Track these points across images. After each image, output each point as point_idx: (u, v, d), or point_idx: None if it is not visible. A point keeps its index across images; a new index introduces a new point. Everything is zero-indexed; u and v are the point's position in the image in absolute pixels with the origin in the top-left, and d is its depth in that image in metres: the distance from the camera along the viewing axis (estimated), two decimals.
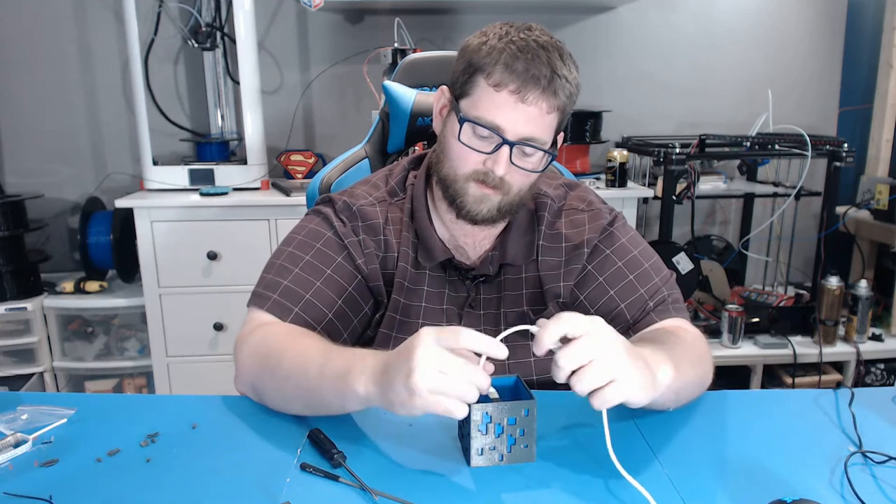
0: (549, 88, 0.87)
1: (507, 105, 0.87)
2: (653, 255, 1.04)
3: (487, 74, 0.88)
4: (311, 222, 1.03)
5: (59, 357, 2.38)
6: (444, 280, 1.02)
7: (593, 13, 2.66)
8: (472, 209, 0.94)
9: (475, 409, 0.74)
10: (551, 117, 0.90)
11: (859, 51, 2.78)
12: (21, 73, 2.50)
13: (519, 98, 0.87)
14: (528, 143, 0.89)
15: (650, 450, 0.81)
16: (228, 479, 0.74)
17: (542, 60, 0.87)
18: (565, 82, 0.89)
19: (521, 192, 0.95)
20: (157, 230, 2.18)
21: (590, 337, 0.72)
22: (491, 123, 0.89)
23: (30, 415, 0.87)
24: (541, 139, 0.90)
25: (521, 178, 0.93)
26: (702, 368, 0.92)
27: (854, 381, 2.38)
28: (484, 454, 0.76)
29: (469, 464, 0.76)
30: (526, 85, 0.86)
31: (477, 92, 0.90)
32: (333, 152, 2.57)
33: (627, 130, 2.71)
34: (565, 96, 0.90)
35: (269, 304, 0.95)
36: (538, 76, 0.86)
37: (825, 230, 2.38)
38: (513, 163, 0.90)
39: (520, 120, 0.88)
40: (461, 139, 0.91)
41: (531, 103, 0.87)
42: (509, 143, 0.89)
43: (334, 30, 2.59)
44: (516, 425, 0.76)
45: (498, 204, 0.94)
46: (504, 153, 0.89)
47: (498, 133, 0.89)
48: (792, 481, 0.74)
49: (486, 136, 0.90)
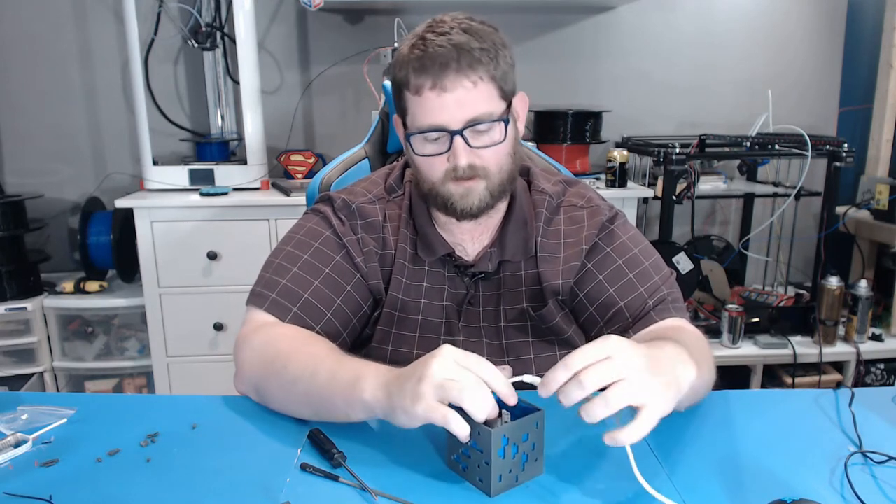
0: (461, 65, 0.88)
1: (433, 102, 0.89)
2: (653, 254, 1.03)
3: (407, 86, 0.91)
4: (309, 221, 1.03)
5: (59, 357, 2.38)
6: (443, 276, 1.02)
7: (593, 13, 2.66)
8: (463, 206, 0.94)
9: (495, 434, 0.69)
10: (483, 87, 0.90)
11: (859, 51, 2.78)
12: (21, 73, 2.50)
13: (440, 90, 0.88)
14: (473, 123, 0.90)
15: (650, 450, 0.81)
16: (228, 479, 0.74)
17: (444, 47, 0.88)
18: (477, 49, 0.88)
19: (503, 169, 0.94)
20: (157, 230, 2.18)
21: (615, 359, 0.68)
22: (430, 126, 0.90)
23: (30, 415, 0.87)
24: (485, 113, 0.90)
25: (494, 156, 0.93)
26: (712, 369, 0.91)
27: (854, 381, 2.38)
28: (503, 480, 0.71)
29: (490, 494, 0.70)
30: (438, 75, 0.88)
31: (409, 105, 0.92)
32: (333, 152, 2.57)
33: (627, 130, 2.71)
34: (488, 59, 0.89)
35: (267, 304, 0.95)
36: (445, 62, 0.87)
37: (825, 230, 2.38)
38: (473, 146, 0.91)
39: (451, 108, 0.89)
40: (417, 153, 0.93)
41: (452, 88, 0.88)
42: (455, 132, 0.89)
43: (334, 30, 2.59)
44: (528, 441, 0.73)
45: (485, 189, 0.93)
46: (458, 144, 0.90)
47: (441, 130, 0.90)
48: (792, 481, 0.74)
49: (436, 139, 0.91)
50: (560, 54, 2.67)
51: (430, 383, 0.69)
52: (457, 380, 0.69)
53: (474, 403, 0.68)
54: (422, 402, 0.69)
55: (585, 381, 0.66)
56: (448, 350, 0.72)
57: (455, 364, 0.70)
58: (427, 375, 0.70)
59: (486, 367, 0.71)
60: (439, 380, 0.69)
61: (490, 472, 0.70)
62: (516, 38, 2.62)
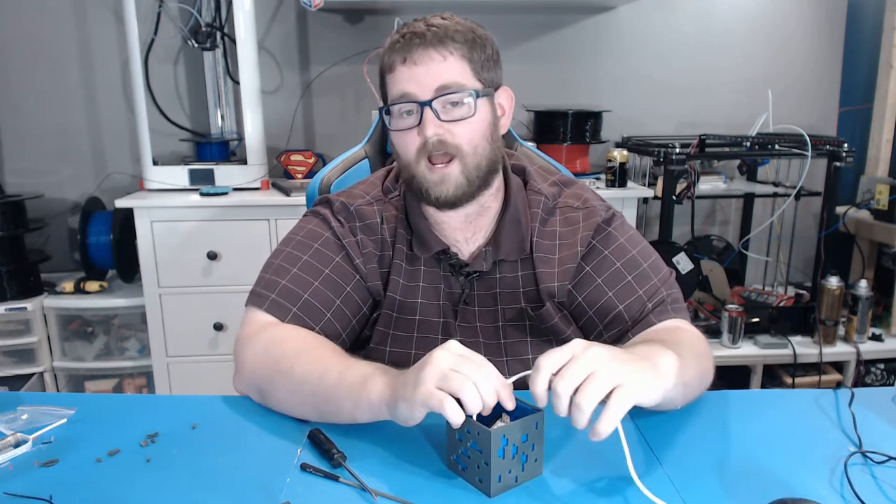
0: (432, 40, 0.90)
1: (404, 74, 0.91)
2: (652, 255, 1.03)
3: (385, 68, 0.94)
4: (309, 223, 1.03)
5: (59, 357, 2.38)
6: (438, 276, 1.02)
7: (593, 13, 2.66)
8: (437, 193, 0.94)
9: (494, 435, 0.69)
10: (453, 61, 0.91)
11: (859, 51, 2.78)
12: (21, 73, 2.50)
13: (410, 62, 0.91)
14: (441, 93, 0.90)
15: (650, 450, 0.81)
16: (228, 479, 0.74)
17: (419, 28, 0.92)
18: (452, 30, 0.91)
19: (477, 151, 0.94)
20: (157, 230, 2.18)
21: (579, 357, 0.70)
22: (399, 96, 0.92)
23: (30, 415, 0.87)
24: (455, 83, 0.91)
25: (467, 133, 0.93)
26: (703, 365, 0.91)
27: (854, 381, 2.38)
28: (502, 481, 0.71)
29: (489, 495, 0.70)
30: (408, 49, 0.91)
31: (387, 86, 0.95)
32: (333, 152, 2.57)
33: (627, 130, 2.71)
34: (462, 40, 0.92)
35: (267, 304, 0.95)
36: (416, 36, 0.91)
37: (825, 230, 2.38)
38: (443, 119, 0.91)
39: (420, 79, 0.91)
40: (391, 127, 0.95)
41: (422, 60, 0.90)
42: (424, 103, 0.91)
43: (334, 30, 2.59)
44: (528, 441, 0.73)
45: (460, 174, 0.93)
46: (427, 115, 0.91)
47: (411, 100, 0.91)
48: (792, 481, 0.74)
49: (408, 112, 0.93)
50: (560, 54, 2.67)
51: (431, 371, 0.71)
52: (459, 371, 0.70)
53: (471, 395, 0.69)
54: (421, 386, 0.71)
55: (559, 388, 0.68)
56: (454, 344, 0.74)
57: (459, 355, 0.72)
58: (430, 363, 0.72)
59: (490, 367, 0.73)
60: (442, 368, 0.71)
61: (490, 473, 0.70)
62: (516, 38, 2.62)
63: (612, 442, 0.69)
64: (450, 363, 0.71)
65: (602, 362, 0.69)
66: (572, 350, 0.71)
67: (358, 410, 0.80)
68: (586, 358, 0.69)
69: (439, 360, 0.72)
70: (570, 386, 0.68)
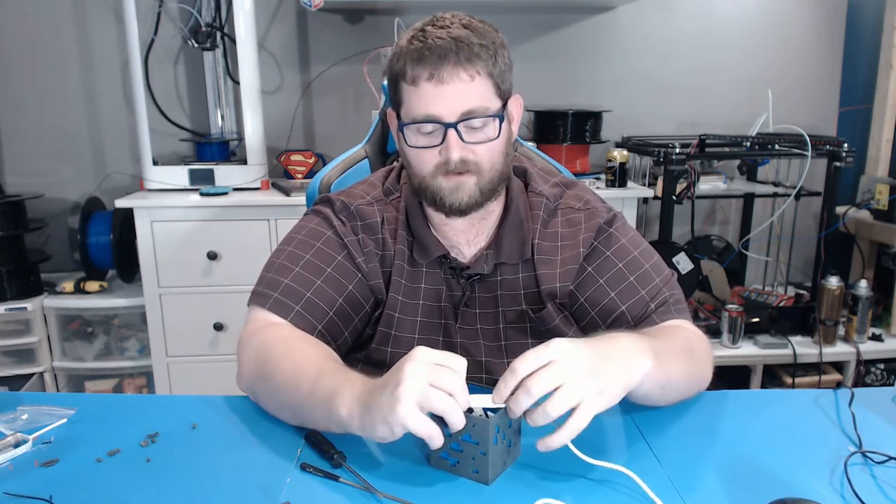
0: (460, 57, 0.88)
1: (430, 93, 0.89)
2: (653, 255, 1.03)
3: (404, 76, 0.90)
4: (310, 222, 1.03)
5: (59, 357, 2.38)
6: (439, 278, 1.02)
7: (593, 13, 2.66)
8: (451, 201, 0.93)
9: (490, 423, 0.71)
10: (480, 82, 0.90)
11: (859, 51, 2.78)
12: (21, 73, 2.50)
13: (437, 81, 0.88)
14: (467, 117, 0.90)
15: (650, 449, 0.81)
16: (228, 479, 0.74)
17: (444, 39, 0.88)
18: (476, 45, 0.89)
19: (494, 167, 0.94)
20: (157, 230, 2.18)
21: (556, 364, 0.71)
22: (425, 116, 0.90)
23: (30, 415, 0.87)
24: (480, 108, 0.90)
25: (487, 153, 0.93)
26: (692, 363, 0.91)
27: (854, 381, 2.38)
28: (496, 466, 0.74)
29: (487, 483, 0.73)
30: (436, 66, 0.88)
31: (404, 96, 0.92)
32: (333, 152, 2.57)
33: (627, 130, 2.71)
34: (487, 56, 0.90)
35: (269, 303, 0.95)
36: (444, 53, 0.87)
37: (825, 230, 2.38)
38: (467, 142, 0.91)
39: (448, 100, 0.89)
40: (410, 144, 0.93)
41: (449, 80, 0.88)
42: (449, 125, 0.89)
43: (334, 30, 2.59)
44: (512, 426, 0.76)
45: (475, 186, 0.93)
46: (451, 137, 0.90)
47: (436, 121, 0.90)
48: (792, 481, 0.74)
49: (430, 132, 0.91)
50: (560, 54, 2.67)
51: (408, 389, 0.69)
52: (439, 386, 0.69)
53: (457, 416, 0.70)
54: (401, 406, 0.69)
55: (532, 388, 0.70)
56: (423, 352, 0.72)
57: (434, 366, 0.71)
58: (404, 380, 0.70)
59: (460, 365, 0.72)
60: (420, 383, 0.69)
61: (488, 461, 0.72)
62: (516, 38, 2.62)
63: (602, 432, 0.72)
64: (426, 376, 0.69)
65: (575, 376, 0.71)
66: (551, 354, 0.71)
67: (331, 424, 0.79)
68: (564, 367, 0.71)
69: (413, 374, 0.69)
70: (545, 389, 0.70)
